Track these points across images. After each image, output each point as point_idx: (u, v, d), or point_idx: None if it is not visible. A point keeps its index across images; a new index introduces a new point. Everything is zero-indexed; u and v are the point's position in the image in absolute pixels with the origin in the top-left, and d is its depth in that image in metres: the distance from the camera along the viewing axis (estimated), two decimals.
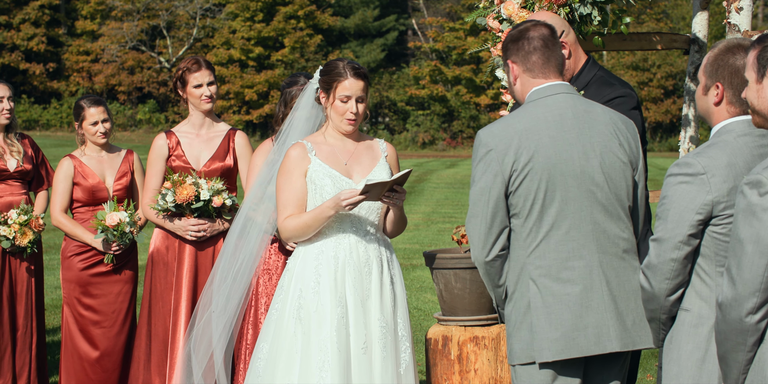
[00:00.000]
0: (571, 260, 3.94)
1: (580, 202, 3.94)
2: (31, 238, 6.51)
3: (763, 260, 3.16)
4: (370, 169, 4.84)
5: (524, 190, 3.92)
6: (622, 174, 4.01)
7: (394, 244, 15.04)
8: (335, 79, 4.75)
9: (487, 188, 3.93)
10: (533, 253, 3.95)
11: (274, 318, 4.78)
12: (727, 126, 3.55)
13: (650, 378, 7.67)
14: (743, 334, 3.22)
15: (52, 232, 12.10)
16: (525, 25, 4.09)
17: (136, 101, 43.98)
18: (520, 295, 3.98)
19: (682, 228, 3.46)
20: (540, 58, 4.04)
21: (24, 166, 6.65)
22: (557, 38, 4.09)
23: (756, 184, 3.17)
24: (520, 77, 4.09)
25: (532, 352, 3.94)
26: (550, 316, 3.92)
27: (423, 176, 27.73)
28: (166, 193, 5.90)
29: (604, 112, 4.06)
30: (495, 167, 3.92)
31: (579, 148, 3.95)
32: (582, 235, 3.94)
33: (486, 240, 3.96)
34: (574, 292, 3.93)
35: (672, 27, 42.51)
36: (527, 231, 3.94)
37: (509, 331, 4.03)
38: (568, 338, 3.91)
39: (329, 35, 45.37)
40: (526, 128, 3.94)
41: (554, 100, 4.01)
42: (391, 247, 4.92)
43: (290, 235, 4.76)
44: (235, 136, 6.14)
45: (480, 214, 3.95)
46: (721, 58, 3.55)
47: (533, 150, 3.91)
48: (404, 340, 4.80)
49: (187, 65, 6.06)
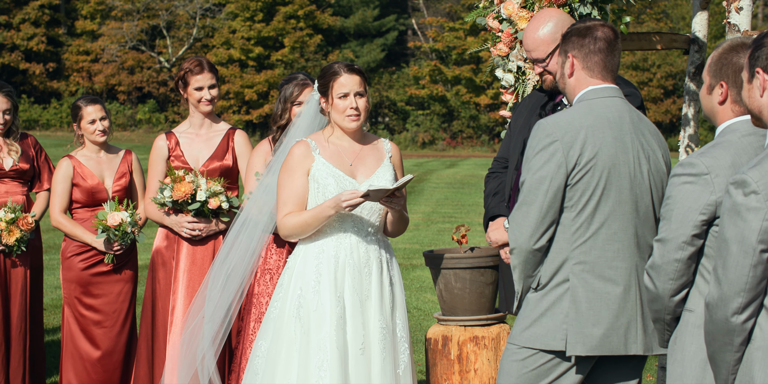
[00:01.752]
0: (616, 260, 3.98)
1: (629, 205, 3.99)
2: (18, 237, 6.47)
3: (747, 260, 3.17)
4: (374, 169, 4.84)
5: (583, 185, 3.94)
6: (662, 183, 4.08)
7: (394, 244, 15.03)
8: (331, 78, 4.75)
9: (548, 177, 3.93)
10: (579, 248, 3.97)
11: (273, 316, 4.77)
12: (731, 125, 3.55)
13: (650, 378, 7.67)
14: (730, 334, 3.23)
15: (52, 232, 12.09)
16: (593, 22, 4.12)
17: (136, 101, 43.98)
18: (555, 284, 3.99)
19: (686, 228, 3.46)
20: (602, 60, 4.08)
21: (20, 165, 6.63)
22: (619, 43, 4.13)
23: (741, 184, 3.19)
24: (577, 73, 4.11)
25: (558, 341, 3.95)
26: (589, 312, 3.95)
27: (423, 176, 27.72)
28: (164, 187, 5.92)
29: (650, 123, 4.15)
30: (559, 158, 3.93)
31: (634, 153, 4.01)
32: (627, 237, 3.99)
33: (537, 228, 3.96)
34: (615, 292, 3.96)
35: (672, 27, 42.50)
36: (577, 225, 3.96)
37: (531, 316, 4.02)
38: (603, 336, 3.95)
39: (329, 35, 45.36)
40: (592, 125, 3.97)
41: (613, 103, 4.06)
42: (391, 248, 4.92)
43: (289, 232, 4.76)
44: (234, 135, 6.14)
45: (536, 202, 3.95)
46: (725, 57, 3.55)
47: (598, 147, 3.95)
48: (403, 341, 4.80)
49: (190, 66, 6.06)
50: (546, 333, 3.98)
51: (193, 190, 5.85)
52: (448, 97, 42.92)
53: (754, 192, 3.17)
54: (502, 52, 5.63)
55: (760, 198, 3.16)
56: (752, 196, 3.17)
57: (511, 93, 5.71)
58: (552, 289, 4.00)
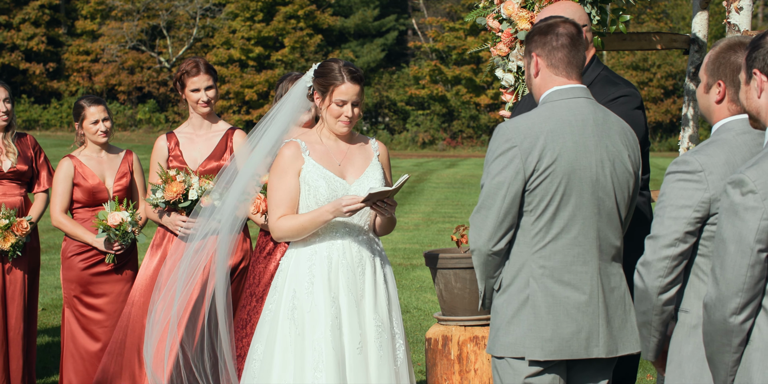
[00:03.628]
0: (576, 265, 3.97)
1: (590, 209, 3.98)
2: (13, 242, 6.45)
3: (745, 260, 3.16)
4: (363, 169, 4.84)
5: (541, 191, 3.94)
6: (627, 184, 4.06)
7: (395, 245, 15.03)
8: (332, 82, 4.74)
9: (506, 183, 3.93)
10: (539, 252, 3.97)
11: (267, 319, 4.78)
12: (727, 124, 3.54)
13: (650, 378, 7.67)
14: (728, 335, 3.22)
15: (52, 232, 12.10)
16: (555, 19, 4.09)
17: (136, 101, 43.98)
18: (516, 290, 3.99)
19: (679, 225, 3.44)
20: (566, 56, 4.05)
21: (18, 166, 6.62)
22: (583, 38, 4.10)
23: (738, 184, 3.18)
24: (542, 71, 4.09)
25: (523, 348, 3.96)
26: (549, 316, 3.95)
27: (423, 176, 27.72)
28: (156, 188, 5.95)
29: (617, 121, 4.11)
30: (517, 164, 3.93)
31: (597, 156, 3.99)
32: (588, 242, 3.98)
33: (495, 232, 3.96)
34: (575, 296, 3.96)
35: (672, 27, 42.50)
36: (537, 229, 3.96)
37: (497, 324, 4.04)
38: (562, 340, 3.94)
39: (329, 35, 45.36)
40: (552, 129, 3.95)
41: (576, 104, 4.03)
42: (381, 245, 4.92)
43: (283, 235, 4.76)
44: (233, 134, 6.15)
45: (494, 207, 3.95)
46: (723, 56, 3.54)
47: (557, 152, 3.93)
48: (398, 338, 4.81)
49: (187, 68, 6.06)
50: (514, 340, 3.98)
51: (184, 189, 5.88)
52: (448, 97, 42.91)
53: (751, 191, 3.17)
54: (502, 52, 5.64)
55: (757, 197, 3.16)
56: (750, 195, 3.16)
57: (511, 93, 5.72)
58: (515, 294, 3.99)
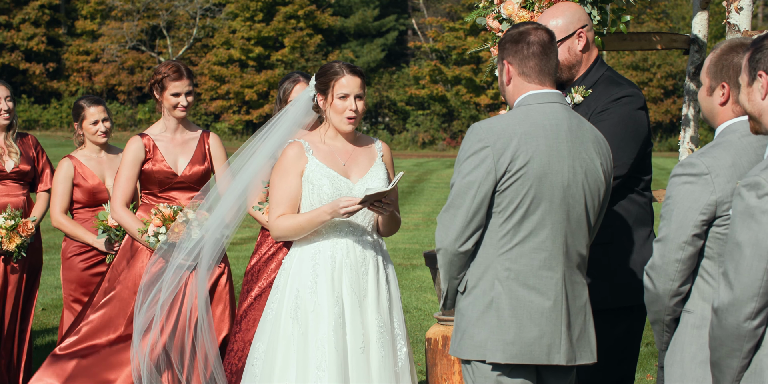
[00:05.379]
0: (542, 269, 3.95)
1: (559, 215, 3.95)
2: (19, 243, 6.46)
3: (762, 264, 3.13)
4: (367, 169, 4.85)
5: (512, 192, 3.92)
6: (598, 192, 4.04)
7: (395, 245, 15.04)
8: (332, 77, 4.75)
9: (476, 183, 3.91)
10: (505, 255, 3.94)
11: (270, 318, 4.78)
12: (731, 126, 3.53)
13: (650, 378, 7.67)
14: (740, 340, 3.18)
15: (52, 232, 12.10)
16: (526, 27, 4.08)
17: (136, 101, 43.99)
18: (481, 292, 3.97)
19: (686, 228, 3.43)
20: (537, 64, 4.04)
21: (21, 166, 6.63)
22: (555, 45, 4.09)
23: (754, 186, 3.14)
24: (514, 79, 4.09)
25: (485, 350, 3.94)
26: (512, 319, 3.92)
27: (423, 176, 27.72)
28: (158, 231, 5.74)
29: (591, 129, 4.09)
30: (489, 164, 3.91)
31: (569, 162, 3.97)
32: (555, 247, 3.96)
33: (462, 232, 3.93)
34: (539, 301, 3.94)
35: (672, 27, 42.51)
36: (504, 231, 3.94)
37: (462, 326, 4.01)
38: (523, 344, 3.92)
39: (329, 35, 45.37)
40: (526, 132, 3.94)
41: (551, 109, 4.02)
42: (385, 246, 4.93)
43: (281, 234, 4.76)
44: (209, 138, 6.10)
45: (463, 206, 3.93)
46: (725, 58, 3.53)
47: (530, 155, 3.91)
48: (400, 339, 4.81)
49: (168, 72, 5.90)
50: (478, 343, 3.95)
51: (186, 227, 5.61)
52: (448, 97, 42.93)
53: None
54: None
55: None
56: (766, 198, 3.12)
57: None
58: (480, 296, 3.97)
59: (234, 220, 5.11)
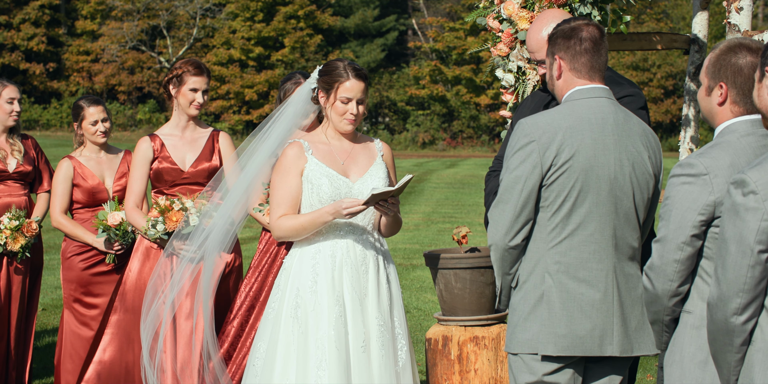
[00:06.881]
0: (591, 262, 3.99)
1: (607, 207, 3.99)
2: (23, 243, 6.48)
3: (745, 260, 3.18)
4: (367, 168, 4.86)
5: (558, 186, 3.96)
6: (647, 185, 4.08)
7: (395, 245, 15.03)
8: (336, 79, 4.76)
9: (523, 177, 3.96)
10: (555, 248, 3.99)
11: (270, 317, 4.79)
12: (730, 126, 3.54)
13: (650, 378, 7.67)
14: (729, 335, 3.24)
15: (52, 232, 12.10)
16: (577, 22, 4.11)
17: (136, 101, 43.98)
18: (532, 286, 4.02)
19: (685, 229, 3.45)
20: (589, 61, 4.08)
21: (23, 166, 6.64)
22: (605, 41, 4.13)
23: (740, 184, 3.20)
24: (564, 74, 4.12)
25: (537, 343, 3.99)
26: (563, 312, 3.97)
27: (423, 176, 27.72)
28: (156, 222, 5.74)
29: (639, 123, 4.13)
30: (535, 158, 3.95)
31: (615, 155, 4.00)
32: (604, 239, 4.00)
33: (512, 226, 3.98)
34: (589, 293, 3.98)
35: (672, 27, 42.51)
36: (553, 225, 3.98)
37: (514, 320, 4.06)
38: (575, 336, 3.96)
39: (329, 35, 45.37)
40: (571, 126, 3.98)
41: (597, 103, 4.06)
42: (386, 245, 4.93)
43: (283, 234, 4.77)
44: (219, 136, 6.11)
45: (511, 201, 3.98)
46: (724, 58, 3.55)
47: (575, 149, 3.96)
48: (401, 338, 4.82)
49: (189, 67, 5.94)
50: (530, 337, 4.00)
51: (184, 215, 5.67)
52: (448, 97, 42.91)
53: (752, 192, 3.17)
54: (503, 52, 5.64)
55: (758, 198, 3.17)
56: (751, 196, 3.17)
57: (512, 93, 5.72)
58: (531, 291, 4.02)
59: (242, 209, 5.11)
